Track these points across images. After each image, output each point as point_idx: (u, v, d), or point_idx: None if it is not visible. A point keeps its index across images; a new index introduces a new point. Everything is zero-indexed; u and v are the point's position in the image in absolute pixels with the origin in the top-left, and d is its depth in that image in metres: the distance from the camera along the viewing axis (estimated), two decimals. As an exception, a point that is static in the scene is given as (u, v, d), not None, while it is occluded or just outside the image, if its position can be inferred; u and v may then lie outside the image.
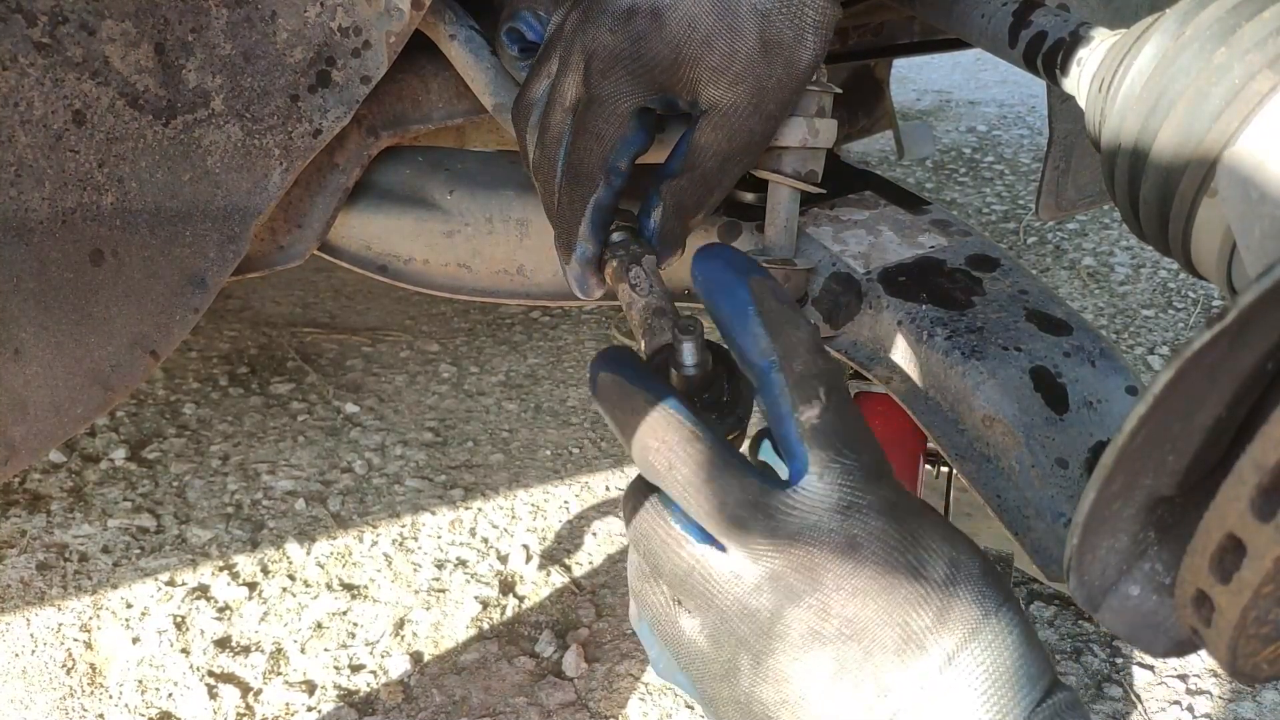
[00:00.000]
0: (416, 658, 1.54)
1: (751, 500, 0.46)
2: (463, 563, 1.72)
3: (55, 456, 1.88)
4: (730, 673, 0.47)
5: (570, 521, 1.82)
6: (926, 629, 0.43)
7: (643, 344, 0.60)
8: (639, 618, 0.52)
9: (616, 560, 1.73)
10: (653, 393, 0.49)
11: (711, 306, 0.51)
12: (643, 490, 0.50)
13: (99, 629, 1.56)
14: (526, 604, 1.64)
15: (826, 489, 0.46)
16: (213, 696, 1.46)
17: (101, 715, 1.43)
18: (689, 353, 0.53)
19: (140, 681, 1.48)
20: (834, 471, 0.46)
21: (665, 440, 0.47)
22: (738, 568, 0.46)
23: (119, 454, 1.91)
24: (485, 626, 1.60)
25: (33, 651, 1.52)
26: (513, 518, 1.82)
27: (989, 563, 0.46)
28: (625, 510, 0.52)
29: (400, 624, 1.60)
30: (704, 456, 0.47)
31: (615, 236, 0.71)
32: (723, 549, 0.47)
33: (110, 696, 1.45)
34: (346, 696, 1.47)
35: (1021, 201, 3.17)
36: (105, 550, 1.70)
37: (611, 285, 0.67)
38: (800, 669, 0.45)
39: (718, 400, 0.54)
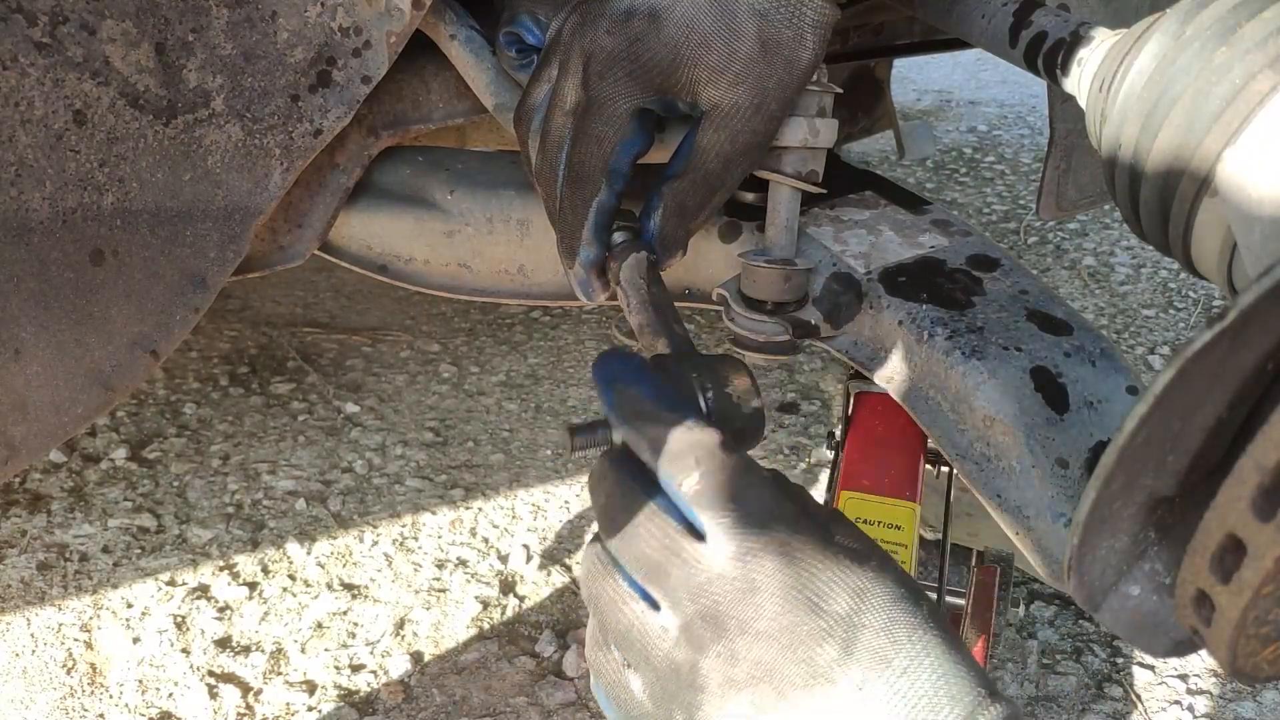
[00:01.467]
0: (417, 657, 1.54)
1: (670, 547, 0.47)
2: (463, 562, 1.72)
3: (56, 456, 1.88)
4: None
5: (571, 521, 1.82)
6: (833, 662, 0.44)
7: (644, 346, 0.60)
8: (595, 683, 0.53)
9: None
10: (601, 436, 0.53)
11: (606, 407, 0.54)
12: (594, 548, 0.52)
13: (99, 629, 1.56)
14: (527, 604, 1.64)
15: (722, 541, 0.47)
16: (213, 696, 1.46)
17: (102, 715, 1.43)
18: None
19: (141, 681, 1.48)
20: (724, 525, 0.47)
21: (606, 490, 0.51)
22: (664, 621, 0.47)
23: (119, 454, 1.91)
24: (486, 626, 1.60)
25: (33, 651, 1.52)
26: (513, 517, 1.82)
27: (905, 585, 0.47)
28: (581, 570, 0.53)
29: (401, 624, 1.60)
30: (635, 502, 0.49)
31: (617, 238, 0.71)
32: (657, 608, 0.48)
33: (110, 696, 1.45)
34: (347, 696, 1.47)
35: (1022, 201, 3.17)
36: (106, 550, 1.70)
37: (614, 287, 0.67)
38: (723, 718, 0.45)
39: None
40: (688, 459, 0.49)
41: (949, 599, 1.05)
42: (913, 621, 0.45)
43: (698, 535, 0.48)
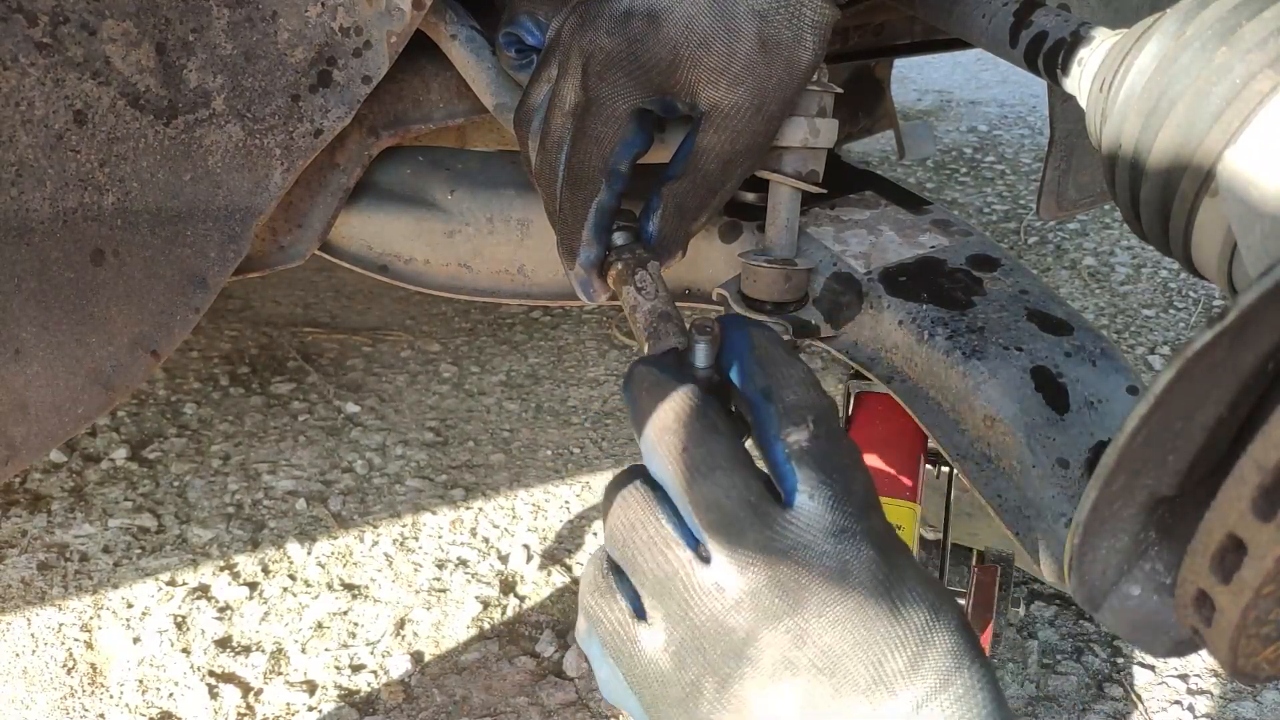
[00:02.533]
0: (417, 657, 1.54)
1: (752, 503, 0.44)
2: (463, 562, 1.72)
3: (56, 456, 1.89)
4: (690, 697, 0.45)
5: (571, 521, 1.82)
6: (899, 673, 0.42)
7: (646, 347, 0.60)
8: (588, 634, 0.50)
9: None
10: (687, 389, 0.48)
11: (721, 358, 0.51)
12: (634, 482, 0.49)
13: (100, 629, 1.56)
14: (527, 604, 1.64)
15: (819, 510, 0.44)
16: (213, 696, 1.46)
17: (102, 715, 1.43)
18: (703, 354, 0.52)
19: (141, 681, 1.48)
20: (824, 494, 0.44)
21: (685, 424, 0.46)
22: (722, 579, 0.44)
23: (120, 454, 1.91)
24: (486, 626, 1.60)
25: (33, 651, 1.52)
26: (513, 517, 1.82)
27: (965, 617, 0.45)
28: (608, 500, 0.49)
29: (401, 624, 1.60)
30: (720, 447, 0.46)
31: (617, 239, 0.71)
32: (707, 560, 0.45)
33: (111, 696, 1.45)
34: (347, 696, 1.47)
35: (1022, 201, 3.17)
36: (106, 550, 1.70)
37: (615, 287, 0.67)
38: (766, 700, 0.43)
39: (725, 409, 0.54)
40: (804, 412, 0.46)
41: (949, 599, 1.05)
42: (974, 651, 0.44)
43: (777, 497, 0.45)
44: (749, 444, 0.49)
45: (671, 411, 0.47)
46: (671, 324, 0.60)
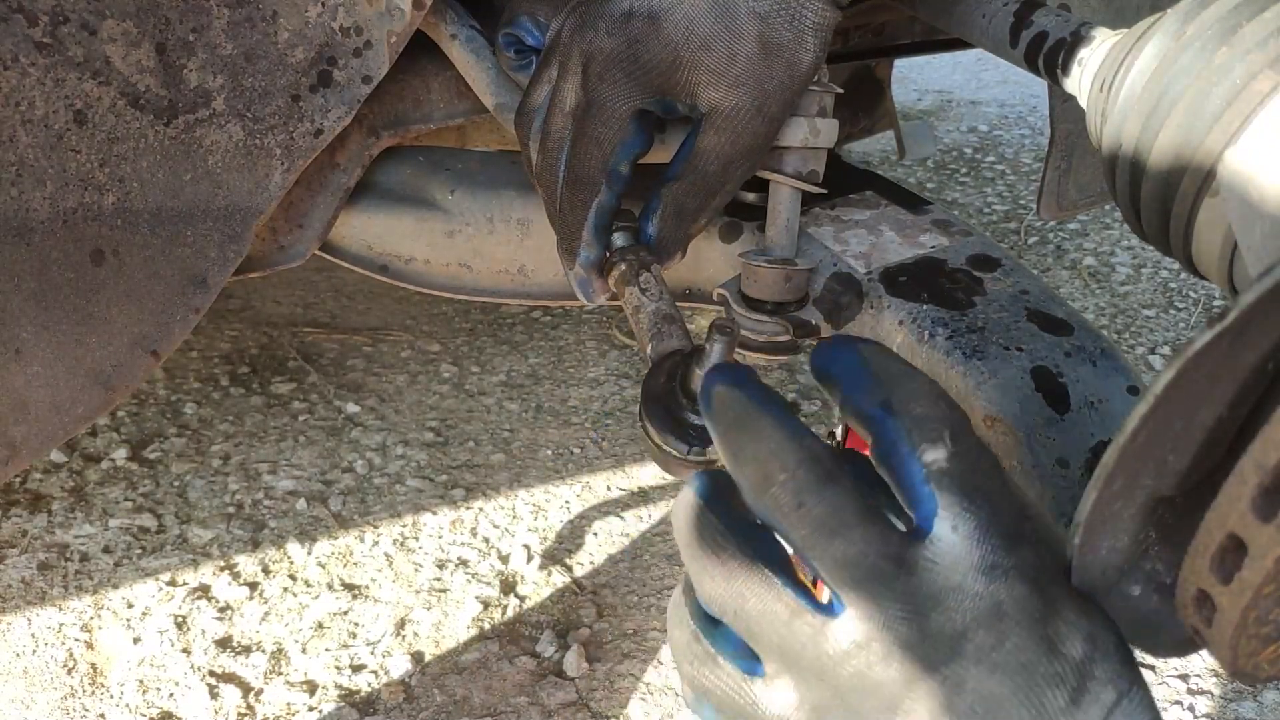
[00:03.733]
0: (418, 658, 1.54)
1: (895, 554, 0.40)
2: (464, 562, 1.72)
3: (56, 456, 1.88)
4: None
5: (571, 521, 1.82)
6: (1059, 711, 0.40)
7: (649, 348, 0.60)
8: (698, 702, 0.47)
9: (618, 560, 1.73)
10: (781, 419, 0.43)
11: (824, 379, 0.47)
12: (720, 529, 0.44)
13: (100, 629, 1.56)
14: (528, 604, 1.64)
15: (965, 545, 0.40)
16: (214, 696, 1.46)
17: (103, 715, 1.43)
18: (719, 355, 0.51)
19: (141, 681, 1.48)
20: (969, 525, 0.41)
21: (796, 474, 0.42)
22: (864, 635, 0.41)
23: (120, 454, 1.91)
24: (486, 626, 1.60)
25: (34, 651, 1.52)
26: (514, 518, 1.82)
27: (1123, 639, 0.42)
28: (689, 544, 0.44)
29: (401, 624, 1.60)
30: (843, 499, 0.41)
31: (617, 239, 0.71)
32: (832, 613, 0.41)
33: (111, 696, 1.45)
34: (348, 696, 1.47)
35: (1023, 201, 3.17)
36: (106, 550, 1.70)
37: (617, 289, 0.67)
38: None
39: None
40: (939, 428, 0.42)
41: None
42: (1131, 679, 0.41)
43: (911, 527, 0.41)
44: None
45: (775, 460, 0.43)
46: (675, 325, 0.60)
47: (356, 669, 1.52)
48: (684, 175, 0.70)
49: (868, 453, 0.45)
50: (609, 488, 1.91)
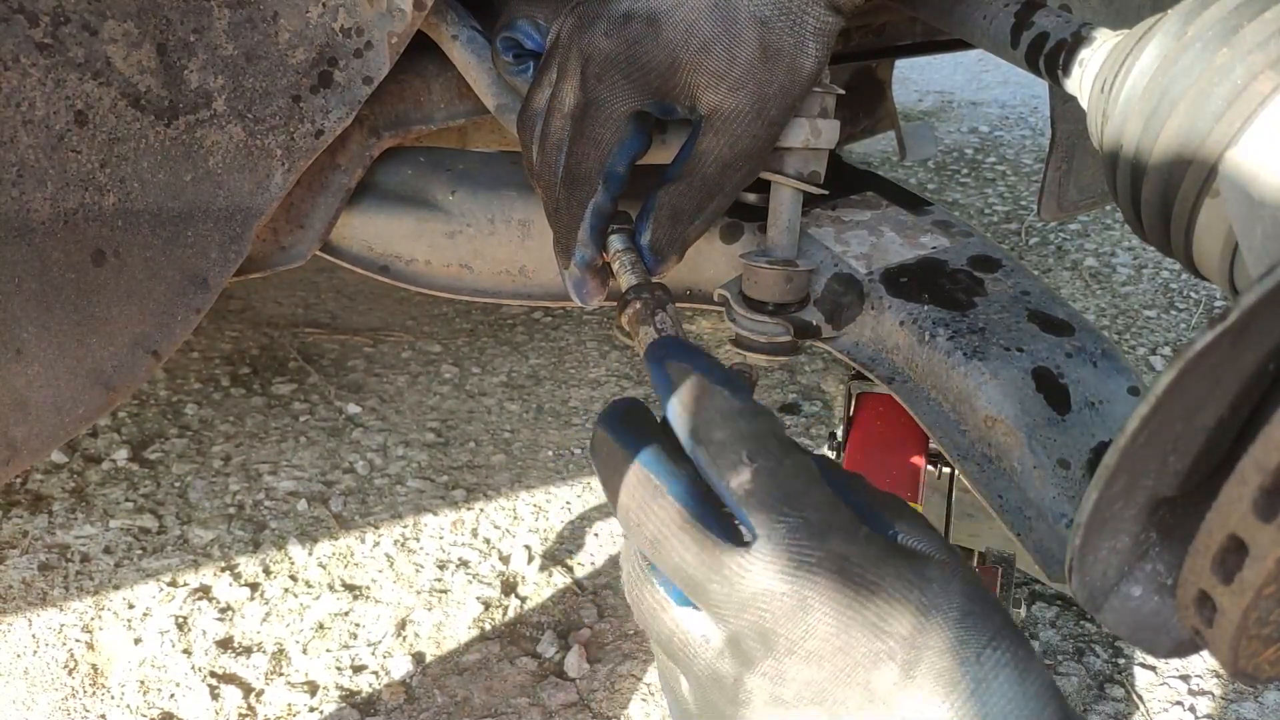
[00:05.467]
0: (418, 658, 1.54)
1: (709, 562, 0.44)
2: (465, 563, 1.72)
3: (57, 457, 1.89)
4: None
5: (572, 522, 1.82)
6: (892, 685, 0.41)
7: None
8: (659, 674, 0.52)
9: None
10: (629, 447, 0.47)
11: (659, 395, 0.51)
12: (630, 554, 0.49)
13: (101, 629, 1.56)
14: (528, 604, 1.64)
15: (774, 550, 0.43)
16: (215, 697, 1.46)
17: (103, 716, 1.43)
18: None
19: (142, 682, 1.48)
20: (778, 532, 0.43)
21: (635, 496, 0.46)
22: (707, 631, 0.45)
23: (121, 454, 1.91)
24: (487, 627, 1.60)
25: (35, 652, 1.52)
26: (515, 518, 1.82)
27: (974, 599, 0.43)
28: (623, 570, 0.50)
29: (402, 624, 1.60)
30: (666, 513, 0.45)
31: (614, 241, 0.71)
32: (698, 609, 0.46)
33: (112, 697, 1.45)
34: (348, 697, 1.47)
35: (1024, 202, 3.17)
36: (107, 551, 1.70)
37: (630, 328, 0.65)
38: None
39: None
40: (737, 452, 0.45)
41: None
42: (981, 640, 0.42)
43: (739, 537, 0.44)
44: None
45: (625, 489, 0.47)
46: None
47: (357, 670, 1.52)
48: (681, 177, 0.69)
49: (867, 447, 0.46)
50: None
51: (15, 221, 0.72)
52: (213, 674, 1.50)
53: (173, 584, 1.65)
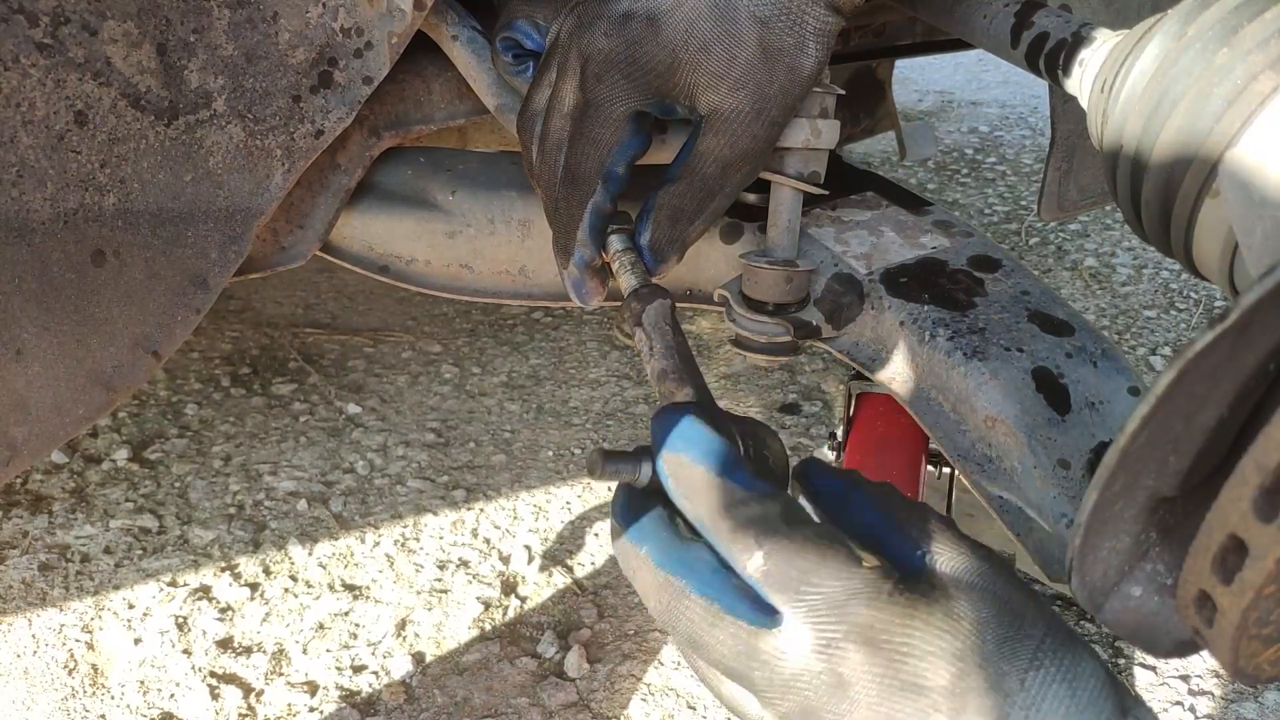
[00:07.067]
0: (418, 658, 1.54)
1: (746, 651, 0.45)
2: (465, 563, 1.72)
3: (57, 457, 1.89)
4: None
5: (572, 522, 1.82)
6: None
7: (659, 393, 0.59)
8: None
9: (618, 560, 1.73)
10: (642, 544, 0.49)
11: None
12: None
13: (101, 629, 1.56)
14: (529, 605, 1.64)
15: (800, 629, 0.44)
16: (215, 697, 1.46)
17: (103, 716, 1.43)
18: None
19: (142, 682, 1.48)
20: (800, 611, 0.44)
21: (661, 601, 0.48)
22: (760, 712, 0.46)
23: (121, 455, 1.91)
24: (487, 627, 1.60)
25: (34, 652, 1.52)
26: (515, 518, 1.82)
27: (1009, 620, 0.43)
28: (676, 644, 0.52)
29: (402, 625, 1.60)
30: (694, 613, 0.46)
31: (614, 241, 0.71)
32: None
33: (112, 697, 1.45)
34: (349, 697, 1.47)
35: (1023, 202, 3.17)
36: (107, 551, 1.70)
37: (630, 330, 0.65)
38: None
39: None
40: (747, 538, 0.46)
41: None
42: (1022, 664, 0.42)
43: (769, 608, 0.45)
44: None
45: (650, 594, 0.48)
46: (694, 372, 0.59)
47: (357, 670, 1.52)
48: (681, 178, 0.69)
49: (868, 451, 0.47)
50: (610, 488, 1.90)
51: (15, 222, 0.72)
52: (213, 674, 1.50)
53: (173, 584, 1.65)
